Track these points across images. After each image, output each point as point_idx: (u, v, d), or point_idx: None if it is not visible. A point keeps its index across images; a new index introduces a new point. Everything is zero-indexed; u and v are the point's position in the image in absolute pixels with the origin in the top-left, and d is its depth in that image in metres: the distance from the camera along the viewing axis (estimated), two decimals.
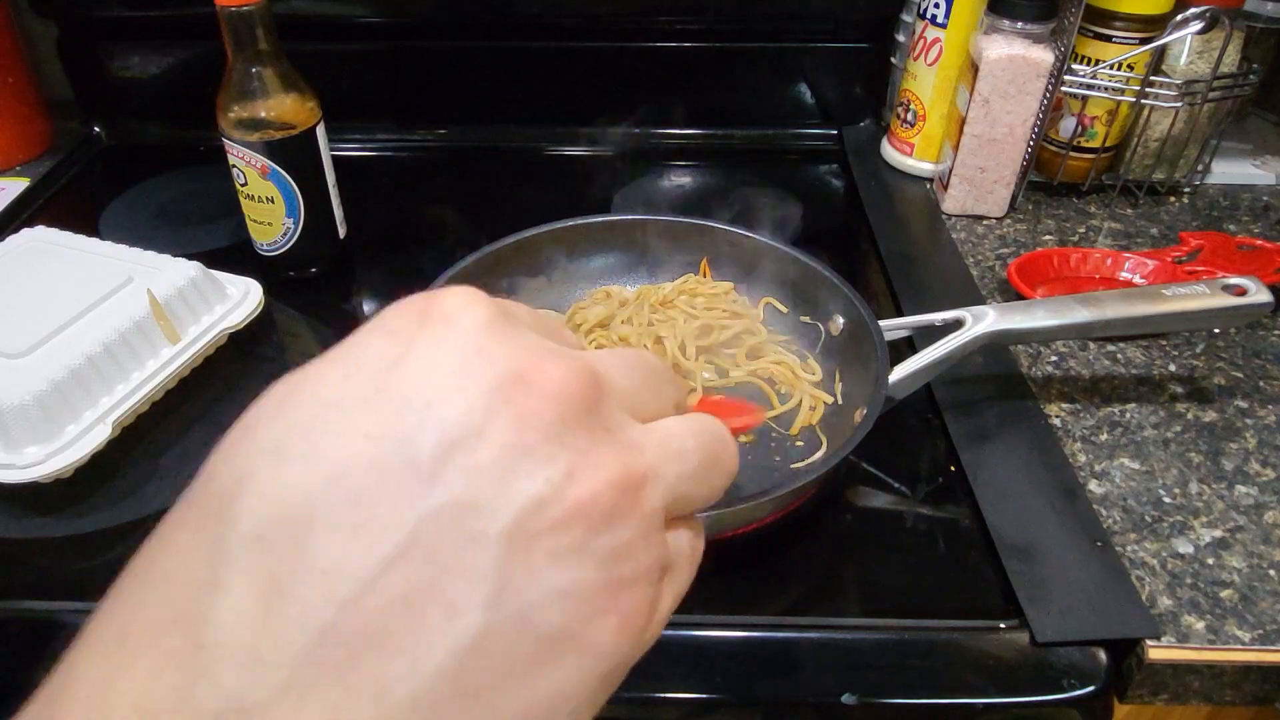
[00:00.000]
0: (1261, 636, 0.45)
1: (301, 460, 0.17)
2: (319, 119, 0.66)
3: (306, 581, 0.16)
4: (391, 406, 0.17)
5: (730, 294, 0.65)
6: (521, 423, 0.17)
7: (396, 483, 0.16)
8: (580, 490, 0.17)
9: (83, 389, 0.53)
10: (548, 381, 0.18)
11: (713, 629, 0.46)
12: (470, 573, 0.16)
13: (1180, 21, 0.71)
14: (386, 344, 0.18)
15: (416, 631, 0.16)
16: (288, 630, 0.15)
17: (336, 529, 0.16)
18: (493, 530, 0.16)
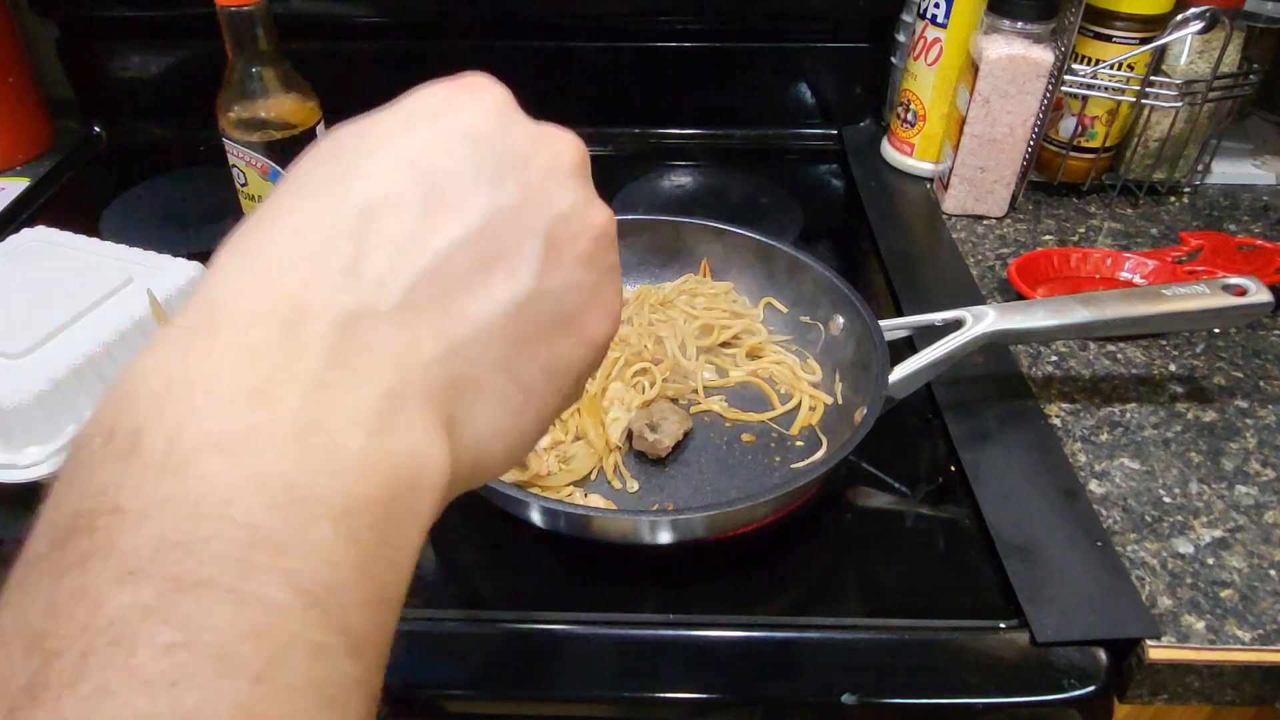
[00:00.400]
0: (1261, 636, 0.45)
1: (397, 164, 0.22)
2: (319, 119, 0.66)
3: (413, 239, 0.21)
4: (461, 137, 0.23)
5: (730, 294, 0.65)
6: (555, 161, 0.25)
7: (472, 185, 0.23)
8: (592, 216, 0.25)
9: (83, 389, 0.53)
10: (569, 139, 0.26)
11: (713, 629, 0.46)
12: (522, 252, 0.23)
13: (1180, 21, 0.71)
14: (438, 99, 0.24)
15: (489, 282, 0.22)
16: (403, 267, 0.21)
17: (430, 209, 0.22)
18: (538, 227, 0.23)
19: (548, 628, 0.45)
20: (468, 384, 0.22)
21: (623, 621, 0.46)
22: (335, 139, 0.24)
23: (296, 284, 0.20)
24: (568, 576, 0.49)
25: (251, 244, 0.21)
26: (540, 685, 0.44)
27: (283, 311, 0.19)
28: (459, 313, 0.22)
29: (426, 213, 0.22)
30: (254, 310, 0.19)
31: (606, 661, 0.45)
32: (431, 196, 0.22)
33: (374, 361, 0.19)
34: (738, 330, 0.62)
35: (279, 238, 0.21)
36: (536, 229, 0.23)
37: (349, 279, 0.20)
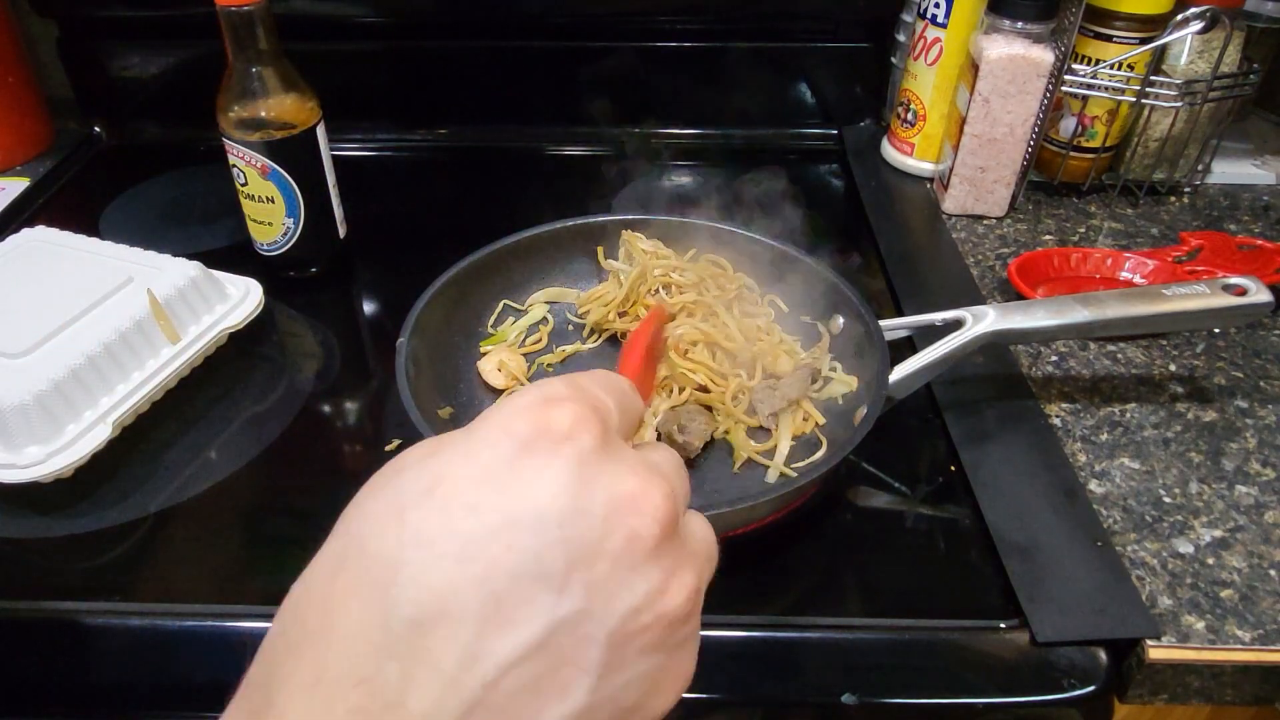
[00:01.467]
0: (1262, 636, 0.45)
1: (454, 561, 0.21)
2: (319, 119, 0.66)
3: (464, 666, 0.20)
4: (527, 522, 0.21)
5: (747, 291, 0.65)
6: (630, 544, 0.22)
7: (532, 591, 0.21)
8: (667, 603, 0.23)
9: (83, 389, 0.53)
10: (650, 508, 0.22)
11: (713, 629, 0.46)
12: (581, 665, 0.21)
13: (1180, 21, 0.71)
14: (514, 450, 0.22)
15: (537, 708, 0.21)
16: (450, 703, 0.20)
17: (485, 623, 0.20)
18: (601, 634, 0.21)
19: None
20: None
21: None
22: (402, 484, 0.22)
23: (345, 713, 0.20)
24: None
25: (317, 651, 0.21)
26: None
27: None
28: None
29: (481, 629, 0.20)
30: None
31: None
32: (489, 606, 0.20)
33: None
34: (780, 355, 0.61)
35: (340, 651, 0.20)
36: (599, 636, 0.21)
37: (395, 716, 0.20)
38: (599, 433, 0.23)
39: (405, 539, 0.21)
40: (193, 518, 0.52)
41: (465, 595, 0.20)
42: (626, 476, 0.22)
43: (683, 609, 0.23)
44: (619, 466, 0.23)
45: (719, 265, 0.66)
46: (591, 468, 0.22)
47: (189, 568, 0.50)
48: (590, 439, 0.23)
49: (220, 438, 0.57)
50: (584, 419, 0.23)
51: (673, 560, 0.23)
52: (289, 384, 0.62)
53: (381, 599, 0.20)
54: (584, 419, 0.23)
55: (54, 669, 0.45)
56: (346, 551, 0.22)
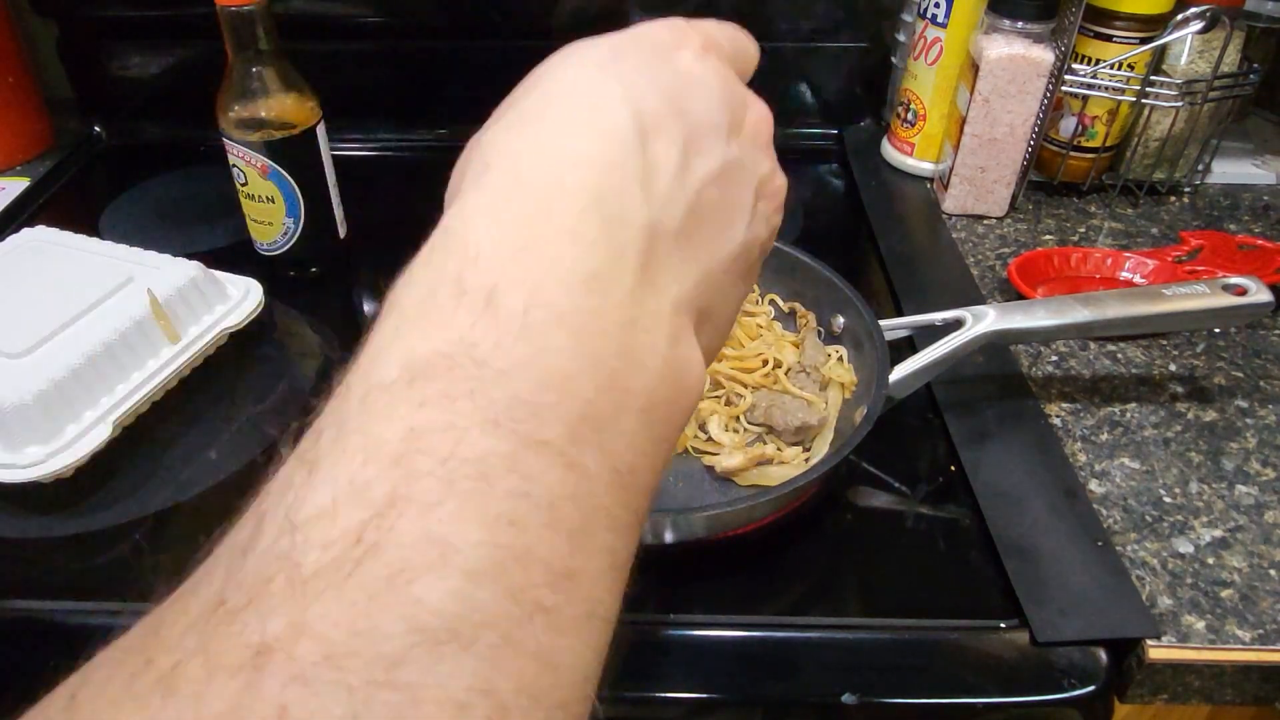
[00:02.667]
0: (1262, 636, 0.45)
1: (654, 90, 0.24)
2: (319, 119, 0.66)
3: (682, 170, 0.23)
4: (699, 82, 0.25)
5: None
6: (758, 125, 0.28)
7: (713, 133, 0.25)
8: (778, 183, 0.28)
9: (83, 388, 0.53)
10: (765, 108, 0.29)
11: (713, 629, 0.46)
12: (744, 202, 0.26)
13: (1180, 21, 0.71)
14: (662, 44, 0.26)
15: (728, 223, 0.25)
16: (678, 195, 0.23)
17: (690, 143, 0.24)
18: (752, 182, 0.27)
19: None
20: (707, 308, 0.25)
21: (623, 621, 0.46)
22: (591, 46, 0.26)
23: (607, 185, 0.21)
24: None
25: (548, 123, 0.23)
26: None
27: (602, 208, 0.21)
28: (710, 246, 0.24)
29: (686, 147, 0.24)
30: (576, 197, 0.21)
31: (606, 661, 0.44)
32: (688, 132, 0.24)
33: (666, 275, 0.22)
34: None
35: (578, 126, 0.23)
36: (751, 184, 0.26)
37: (647, 194, 0.22)
38: (719, 55, 0.28)
39: (610, 78, 0.24)
40: (193, 518, 0.52)
41: (672, 121, 0.23)
42: (747, 93, 0.28)
43: (783, 190, 0.29)
44: (739, 84, 0.28)
45: None
46: (725, 71, 0.27)
47: (189, 568, 0.50)
48: (717, 54, 0.27)
49: (220, 437, 0.57)
50: (709, 41, 0.27)
51: (774, 162, 0.29)
52: (289, 384, 0.62)
53: (612, 101, 0.23)
54: (709, 41, 0.27)
55: (54, 669, 0.45)
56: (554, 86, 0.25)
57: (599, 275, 0.20)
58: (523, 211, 0.21)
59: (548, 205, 0.21)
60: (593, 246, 0.20)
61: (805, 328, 0.61)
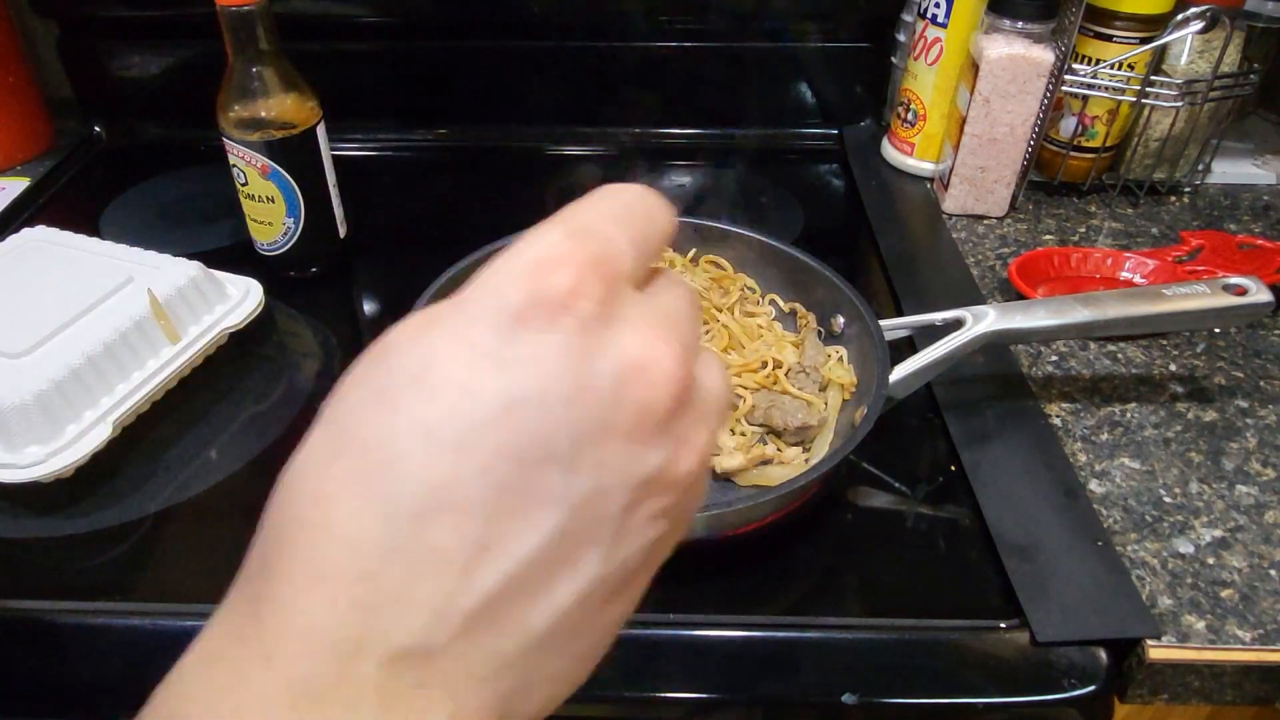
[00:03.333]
0: (1262, 636, 0.45)
1: (453, 450, 0.19)
2: (319, 119, 0.66)
3: (480, 556, 0.19)
4: (529, 404, 0.19)
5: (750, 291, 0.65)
6: (641, 418, 0.20)
7: (539, 476, 0.19)
8: (679, 471, 0.21)
9: (83, 388, 0.53)
10: (661, 377, 0.20)
11: (713, 629, 0.46)
12: (593, 540, 0.20)
13: (1181, 21, 0.71)
14: (508, 324, 0.20)
15: (552, 586, 0.20)
16: (461, 599, 0.19)
17: (493, 514, 0.19)
18: (614, 511, 0.20)
19: None
20: (519, 690, 0.21)
21: None
22: (389, 372, 0.20)
23: (349, 608, 0.19)
24: None
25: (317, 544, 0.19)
26: None
27: (339, 640, 0.18)
28: (513, 629, 0.20)
29: (489, 521, 0.19)
30: (310, 638, 0.19)
31: (606, 661, 0.44)
32: (495, 495, 0.19)
33: (424, 701, 0.19)
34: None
35: (338, 544, 0.19)
36: (613, 511, 0.20)
37: (400, 612, 0.19)
38: (602, 293, 0.20)
39: (398, 428, 0.19)
40: (193, 518, 0.52)
41: (469, 486, 0.19)
42: (635, 342, 0.20)
43: (695, 472, 0.22)
44: (626, 331, 0.20)
45: (718, 265, 0.66)
46: (594, 336, 0.20)
47: (189, 568, 0.50)
48: (591, 304, 0.20)
49: (220, 438, 0.57)
50: (584, 280, 0.20)
51: (685, 425, 0.21)
52: (289, 384, 0.62)
53: (380, 493, 0.19)
54: (584, 280, 0.20)
55: (54, 669, 0.45)
56: (339, 441, 0.20)
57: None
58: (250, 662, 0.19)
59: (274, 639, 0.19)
60: (310, 698, 0.18)
61: (805, 328, 0.61)
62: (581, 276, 0.20)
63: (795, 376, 0.57)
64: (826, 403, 0.56)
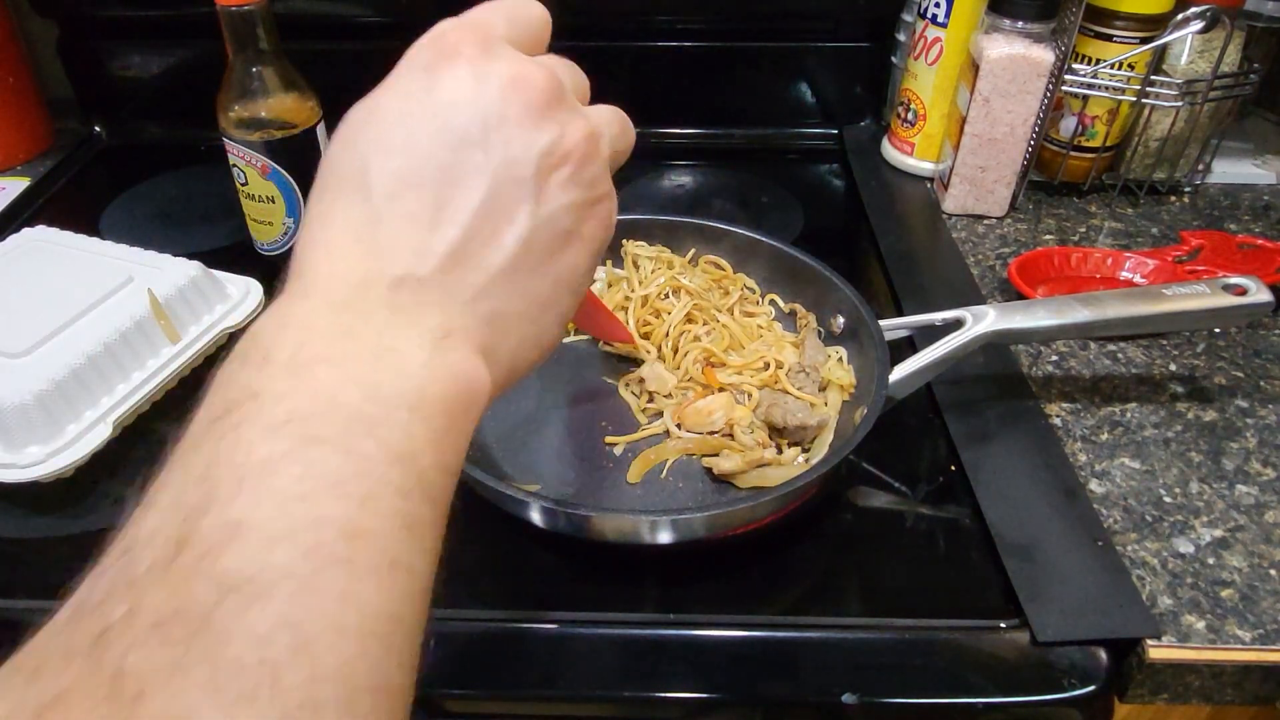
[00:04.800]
0: (1262, 636, 0.45)
1: (403, 150, 0.28)
2: (319, 118, 0.66)
3: (438, 215, 0.27)
4: (447, 111, 0.28)
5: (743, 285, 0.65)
6: (525, 109, 0.29)
7: (466, 154, 0.28)
8: (569, 143, 0.30)
9: (83, 388, 0.53)
10: (534, 80, 0.29)
11: (713, 629, 0.46)
12: (520, 198, 0.28)
13: (1181, 21, 0.71)
14: (422, 71, 0.29)
15: (499, 233, 0.28)
16: (432, 241, 0.27)
17: (442, 183, 0.28)
18: (527, 171, 0.29)
19: (548, 628, 0.45)
20: (495, 316, 0.28)
21: (623, 621, 0.46)
22: (350, 127, 0.29)
23: (357, 259, 0.27)
24: (568, 576, 0.49)
25: (325, 234, 0.28)
26: (540, 685, 0.44)
27: (353, 280, 0.26)
28: (477, 265, 0.28)
29: (440, 188, 0.27)
30: (334, 280, 0.27)
31: (606, 661, 0.45)
32: (441, 170, 0.27)
33: (422, 311, 0.27)
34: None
35: (339, 229, 0.27)
36: (526, 174, 0.28)
37: (398, 253, 0.27)
38: (481, 43, 0.29)
39: (362, 151, 0.28)
40: None
41: (422, 169, 0.27)
42: (510, 66, 0.29)
43: (580, 146, 0.30)
44: (503, 62, 0.29)
45: (718, 265, 0.66)
46: (481, 65, 0.29)
47: None
48: (474, 49, 0.29)
49: None
50: (465, 37, 0.29)
51: (565, 115, 0.30)
52: None
53: (360, 192, 0.27)
54: (465, 37, 0.29)
55: None
56: (325, 181, 0.29)
57: (350, 328, 0.25)
58: (295, 299, 0.26)
59: (307, 293, 0.26)
60: (345, 309, 0.26)
61: (805, 328, 0.61)
62: (463, 35, 0.29)
63: (795, 376, 0.57)
64: (826, 403, 0.56)
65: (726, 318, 0.61)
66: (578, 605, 0.47)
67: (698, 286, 0.62)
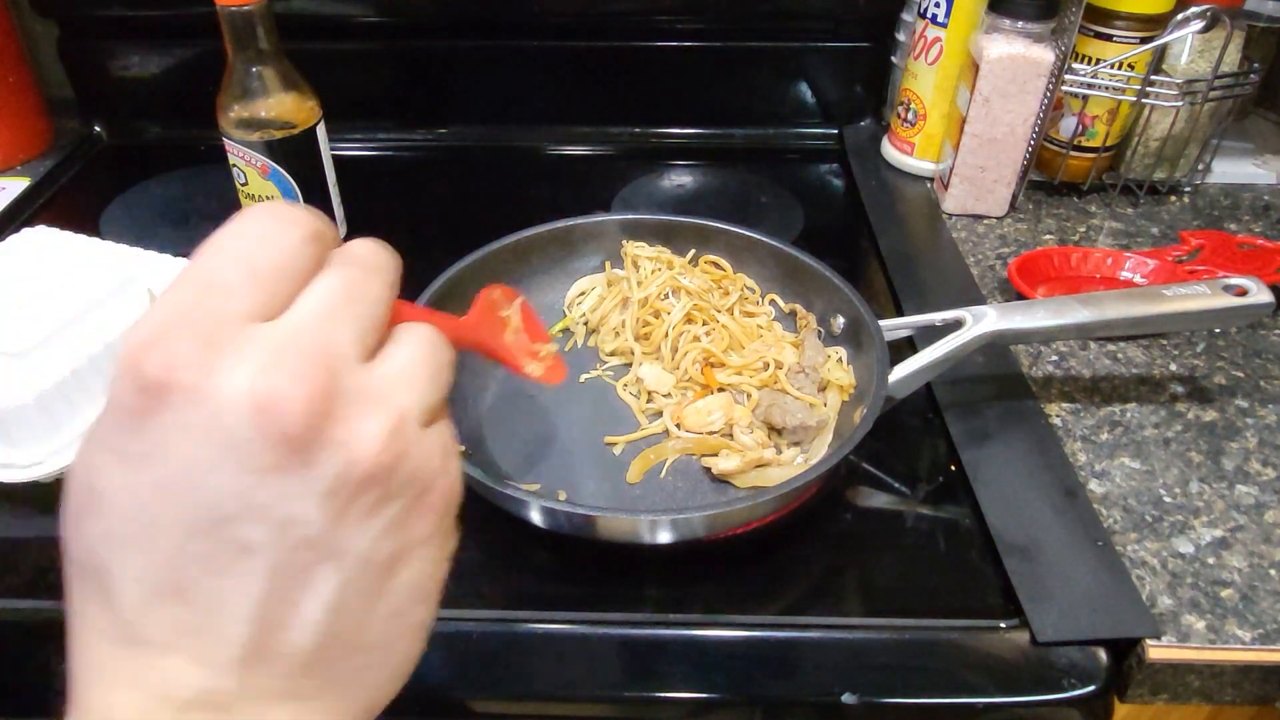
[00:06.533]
0: (1262, 636, 0.45)
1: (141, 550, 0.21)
2: (319, 118, 0.66)
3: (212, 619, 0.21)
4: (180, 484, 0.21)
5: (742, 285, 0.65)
6: (285, 440, 0.20)
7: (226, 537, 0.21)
8: (361, 462, 0.22)
9: (83, 388, 0.53)
10: (286, 397, 0.21)
11: (713, 629, 0.46)
12: (315, 560, 0.22)
13: (1181, 21, 0.71)
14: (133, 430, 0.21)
15: (300, 610, 0.22)
16: (217, 647, 0.21)
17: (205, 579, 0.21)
18: (316, 529, 0.21)
19: (548, 628, 0.45)
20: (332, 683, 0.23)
21: (623, 621, 0.46)
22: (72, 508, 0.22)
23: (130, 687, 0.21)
24: (568, 576, 0.49)
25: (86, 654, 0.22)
26: (540, 685, 0.44)
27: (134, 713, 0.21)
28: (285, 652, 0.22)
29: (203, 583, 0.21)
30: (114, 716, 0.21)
31: (606, 661, 0.45)
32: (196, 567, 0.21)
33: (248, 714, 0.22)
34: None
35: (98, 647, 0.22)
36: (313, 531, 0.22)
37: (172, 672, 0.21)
38: (198, 353, 0.20)
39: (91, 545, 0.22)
40: None
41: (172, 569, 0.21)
42: (245, 382, 0.20)
43: (378, 457, 0.22)
44: (238, 373, 0.20)
45: (718, 265, 0.66)
46: (207, 397, 0.20)
47: None
48: (189, 370, 0.20)
49: None
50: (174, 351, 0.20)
51: (344, 423, 0.22)
52: None
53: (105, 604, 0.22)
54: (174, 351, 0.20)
55: (54, 669, 0.45)
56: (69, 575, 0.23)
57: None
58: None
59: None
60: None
61: (805, 329, 0.61)
62: (171, 349, 0.20)
63: (794, 377, 0.57)
64: (825, 403, 0.57)
65: (726, 318, 0.61)
66: (578, 605, 0.47)
67: (697, 287, 0.62)
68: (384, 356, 0.24)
